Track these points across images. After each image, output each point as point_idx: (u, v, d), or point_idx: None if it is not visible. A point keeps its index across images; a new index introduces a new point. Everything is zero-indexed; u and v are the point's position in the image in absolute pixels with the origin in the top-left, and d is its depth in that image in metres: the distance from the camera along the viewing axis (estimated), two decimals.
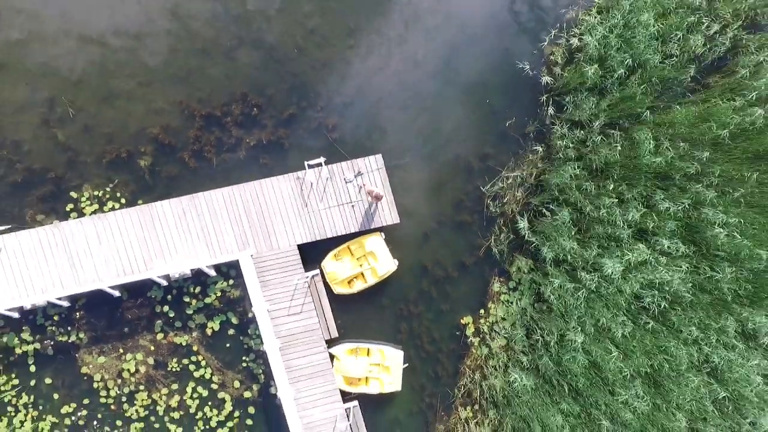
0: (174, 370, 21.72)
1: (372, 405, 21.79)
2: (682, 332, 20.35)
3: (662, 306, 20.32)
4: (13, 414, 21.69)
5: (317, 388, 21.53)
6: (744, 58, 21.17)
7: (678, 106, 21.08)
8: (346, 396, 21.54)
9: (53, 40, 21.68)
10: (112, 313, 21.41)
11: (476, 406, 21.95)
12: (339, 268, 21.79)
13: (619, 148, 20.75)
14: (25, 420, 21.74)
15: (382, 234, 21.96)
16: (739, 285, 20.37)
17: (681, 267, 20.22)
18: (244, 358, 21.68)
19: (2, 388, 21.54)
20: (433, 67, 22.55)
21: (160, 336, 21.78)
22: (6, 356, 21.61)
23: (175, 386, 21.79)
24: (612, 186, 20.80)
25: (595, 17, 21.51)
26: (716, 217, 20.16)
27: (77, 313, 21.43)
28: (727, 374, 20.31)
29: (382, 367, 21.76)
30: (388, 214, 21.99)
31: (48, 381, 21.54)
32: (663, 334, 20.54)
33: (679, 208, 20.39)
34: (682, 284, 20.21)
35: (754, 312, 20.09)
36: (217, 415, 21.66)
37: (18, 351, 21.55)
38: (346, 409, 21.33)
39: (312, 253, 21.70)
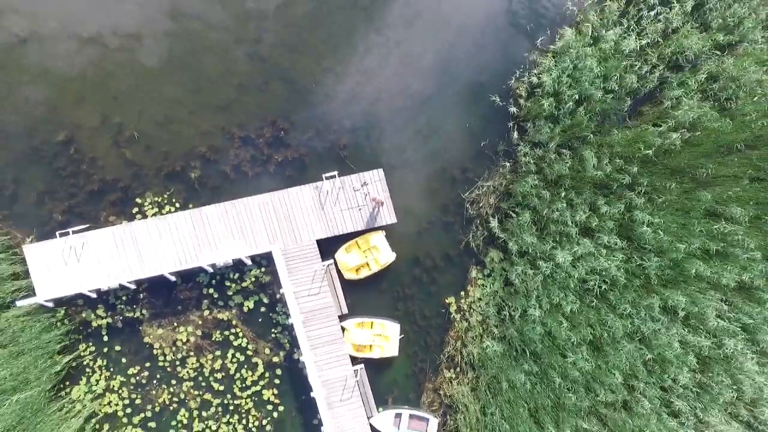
0: (217, 339, 26.82)
1: (374, 367, 26.85)
2: (617, 308, 25.26)
3: (602, 288, 25.29)
4: (90, 374, 26.63)
5: (332, 354, 26.50)
6: (668, 92, 26.09)
7: (616, 130, 26.01)
8: (354, 360, 26.75)
9: (124, 81, 26.67)
10: (169, 294, 26.50)
11: (458, 369, 26.88)
12: (349, 259, 26.77)
13: (569, 163, 25.79)
14: (100, 379, 26.70)
15: (383, 232, 27.04)
16: (663, 271, 25.30)
17: (617, 257, 25.16)
18: (273, 330, 26.76)
19: (82, 354, 26.66)
20: (423, 101, 27.35)
21: (206, 313, 26.78)
22: (85, 328, 26.63)
23: (218, 353, 26.81)
24: (563, 193, 25.78)
25: (551, 60, 26.52)
26: (644, 218, 25.12)
27: (141, 294, 26.54)
28: (653, 341, 25.21)
29: (382, 337, 26.70)
30: (387, 216, 26.90)
31: (117, 348, 26.56)
32: (603, 310, 25.44)
33: (616, 211, 25.35)
34: (618, 271, 25.13)
35: (674, 292, 25.00)
36: (251, 376, 26.80)
37: (94, 324, 26.62)
38: (354, 370, 26.39)
39: (327, 247, 26.75)
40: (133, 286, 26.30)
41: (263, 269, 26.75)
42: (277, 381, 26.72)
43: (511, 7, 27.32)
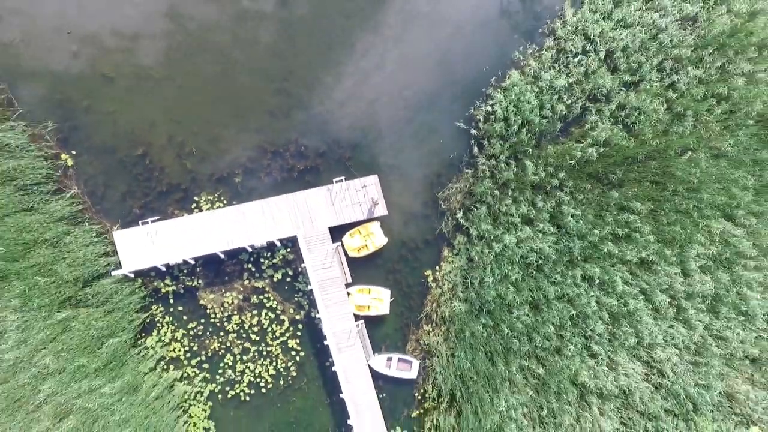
0: (254, 302, 34.97)
1: (371, 323, 34.96)
2: (550, 277, 33.27)
3: (539, 262, 33.36)
4: (160, 328, 34.75)
5: (340, 312, 34.46)
6: (588, 118, 34.14)
7: (549, 146, 34.00)
8: (356, 317, 34.75)
9: (184, 110, 34.58)
10: (218, 268, 34.71)
11: (434, 323, 34.90)
12: (352, 242, 34.91)
13: (515, 170, 33.81)
14: (167, 331, 34.80)
15: (378, 222, 35.12)
16: (584, 250, 33.35)
17: (549, 240, 33.19)
18: (296, 295, 34.90)
19: (154, 313, 34.73)
20: (407, 128, 35.21)
21: (246, 282, 34.94)
22: (156, 294, 34.74)
23: (254, 312, 34.95)
24: (510, 192, 33.84)
25: (502, 94, 34.50)
26: (569, 211, 33.14)
27: (198, 268, 34.74)
28: (577, 301, 33.16)
29: (377, 300, 34.73)
30: (381, 210, 34.94)
31: (180, 308, 34.70)
32: (539, 278, 33.47)
33: (549, 205, 33.41)
34: (550, 249, 33.18)
35: (591, 266, 32.94)
36: (280, 329, 34.95)
37: (163, 290, 34.78)
38: (356, 325, 34.51)
39: (336, 233, 34.91)
40: (192, 262, 34.54)
41: (288, 249, 34.94)
42: (299, 333, 34.97)
43: (471, 53, 35.04)
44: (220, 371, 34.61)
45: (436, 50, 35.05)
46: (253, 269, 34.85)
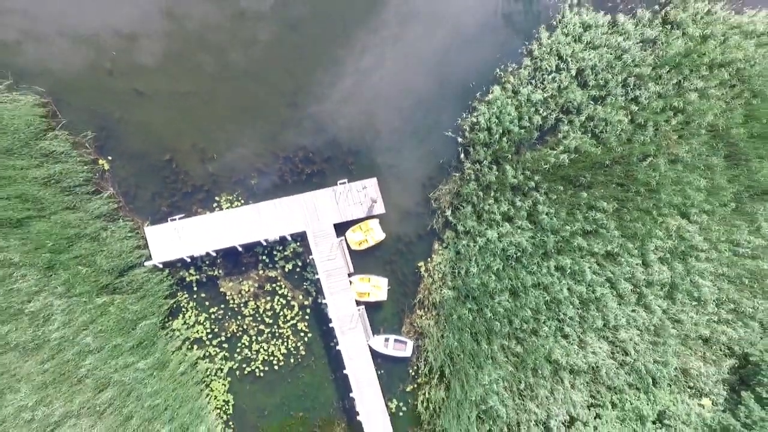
0: (267, 289, 39.21)
1: (371, 308, 39.16)
2: (527, 267, 37.48)
3: (517, 254, 37.57)
4: (185, 312, 38.97)
5: (343, 298, 38.64)
6: (561, 127, 38.39)
7: (527, 152, 38.25)
8: (357, 303, 38.95)
9: (206, 120, 38.75)
10: (237, 259, 38.96)
11: (426, 308, 39.10)
12: (354, 236, 39.13)
13: (496, 174, 38.07)
14: (191, 315, 39.03)
15: (377, 219, 39.36)
16: (557, 244, 37.56)
17: (527, 234, 37.43)
18: (304, 283, 39.14)
19: (180, 299, 38.98)
20: (402, 136, 39.42)
21: (261, 272, 39.15)
22: (181, 282, 38.96)
23: (268, 298, 39.19)
24: (492, 193, 38.05)
25: (485, 107, 38.73)
26: (544, 210, 37.37)
27: (218, 259, 38.94)
28: (551, 288, 37.32)
29: (376, 287, 38.94)
30: (379, 208, 39.17)
31: (203, 295, 38.93)
32: (518, 268, 37.68)
33: (526, 204, 37.61)
34: (527, 244, 37.37)
35: (563, 257, 37.08)
36: (290, 314, 39.20)
37: (188, 279, 39.00)
38: (358, 309, 38.77)
39: (340, 229, 39.18)
40: (213, 254, 38.77)
41: (298, 243, 39.22)
42: (307, 317, 39.24)
43: (457, 72, 39.17)
44: (238, 350, 39.00)
45: (427, 74, 39.32)
46: (267, 260, 39.13)
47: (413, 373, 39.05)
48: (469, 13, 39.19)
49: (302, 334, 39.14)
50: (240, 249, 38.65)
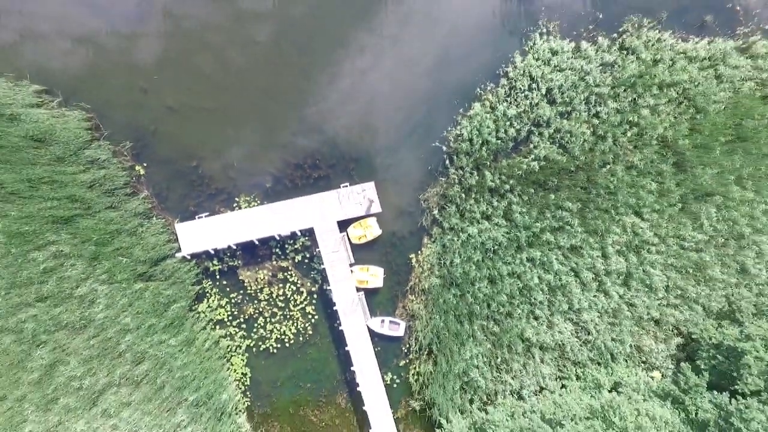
0: (280, 277, 44.68)
1: (369, 294, 44.44)
2: (503, 259, 42.78)
3: (495, 247, 43.10)
4: (209, 297, 44.40)
5: (345, 285, 44.13)
6: (533, 138, 43.84)
7: (503, 160, 43.76)
8: (357, 289, 44.49)
9: (228, 132, 44.47)
10: (254, 251, 44.37)
11: (416, 294, 44.57)
12: (355, 232, 44.56)
13: (477, 178, 43.55)
14: (214, 300, 44.57)
15: (375, 217, 44.86)
16: (528, 238, 42.96)
17: (502, 230, 42.97)
18: (312, 272, 44.53)
19: (204, 285, 44.57)
20: (396, 146, 44.81)
21: (274, 262, 44.65)
22: (206, 271, 44.38)
23: (280, 285, 44.72)
24: (473, 195, 43.49)
25: (467, 121, 44.15)
26: (518, 209, 42.85)
27: (238, 251, 44.30)
28: (523, 277, 42.68)
29: (374, 276, 44.44)
30: (376, 208, 44.63)
31: (224, 282, 44.43)
32: (495, 259, 43.10)
33: (502, 204, 43.08)
34: (503, 238, 42.76)
35: (534, 250, 42.24)
36: (299, 298, 44.51)
37: (211, 269, 44.43)
38: (357, 295, 44.34)
39: (343, 225, 44.58)
40: (234, 247, 44.16)
41: (306, 238, 44.60)
42: (314, 301, 44.68)
43: (441, 92, 44.64)
44: (254, 330, 44.44)
45: (417, 98, 44.99)
46: (280, 253, 44.54)
47: (405, 350, 44.50)
48: (452, 46, 44.68)
49: (310, 316, 44.66)
50: (256, 243, 44.08)
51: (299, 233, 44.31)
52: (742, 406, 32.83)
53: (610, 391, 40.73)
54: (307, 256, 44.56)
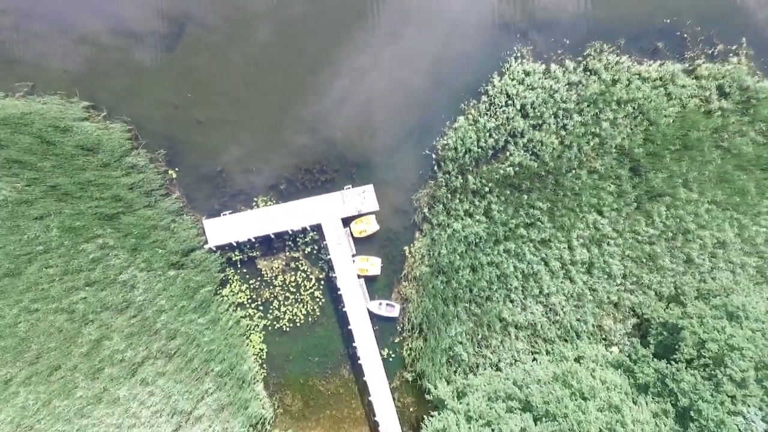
0: (292, 266, 50.80)
1: (369, 281, 50.31)
2: (483, 250, 48.98)
3: (476, 241, 49.48)
4: (231, 283, 50.44)
5: (348, 272, 50.34)
6: (509, 147, 50.10)
7: (484, 165, 50.13)
8: (359, 276, 50.77)
9: (249, 140, 51.22)
10: (270, 244, 50.50)
11: (409, 281, 50.76)
12: (356, 227, 50.60)
13: (461, 181, 49.80)
14: (236, 285, 50.64)
15: (374, 214, 51.19)
16: (505, 233, 49.25)
17: (482, 225, 49.42)
18: (319, 262, 50.47)
19: (227, 273, 51.10)
20: (393, 154, 51.07)
21: (287, 253, 51.08)
22: (229, 260, 50.28)
23: (292, 273, 50.96)
24: (458, 196, 49.53)
25: (453, 132, 50.42)
26: (497, 207, 49.19)
27: (256, 244, 50.33)
28: (501, 265, 49.05)
29: (372, 265, 50.49)
30: (375, 206, 51.03)
31: (244, 270, 50.80)
32: (476, 251, 49.44)
33: (482, 204, 49.46)
34: (483, 233, 49.20)
35: (509, 243, 47.98)
36: (309, 284, 50.40)
37: (234, 258, 50.45)
38: (359, 281, 50.59)
39: (346, 222, 50.77)
40: (253, 240, 50.32)
41: (315, 232, 50.54)
42: (321, 287, 50.63)
43: (430, 106, 50.91)
44: (270, 311, 50.53)
45: (407, 111, 51.52)
46: (292, 245, 50.68)
47: (400, 329, 50.56)
48: (437, 73, 50.98)
49: (317, 299, 50.92)
50: (272, 236, 50.08)
51: (309, 228, 50.49)
52: (675, 370, 39.19)
53: (573, 362, 47.27)
54: (316, 248, 50.83)
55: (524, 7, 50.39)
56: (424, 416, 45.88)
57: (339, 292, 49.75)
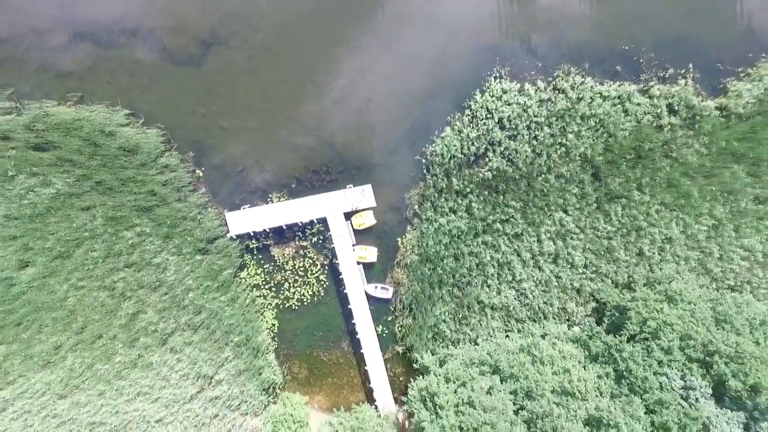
0: (301, 253, 57.46)
1: (366, 267, 56.68)
2: (464, 242, 56.19)
3: (458, 234, 57.24)
4: (248, 267, 57.60)
5: (349, 259, 57.36)
6: (488, 154, 57.45)
7: (466, 169, 57.00)
8: (358, 263, 57.97)
9: (273, 147, 59.12)
10: (282, 233, 57.36)
11: (401, 267, 57.90)
12: (356, 221, 57.39)
13: (446, 183, 56.96)
14: (252, 269, 57.90)
15: (372, 210, 58.74)
16: (484, 227, 56.59)
17: (464, 221, 56.59)
18: (324, 250, 57.14)
19: (245, 258, 58.48)
20: (391, 158, 59.18)
21: (297, 242, 57.95)
22: (247, 248, 57.17)
23: (301, 259, 58.11)
24: (443, 195, 56.60)
25: (440, 140, 57.64)
26: (476, 206, 56.07)
27: (270, 233, 57.51)
28: (479, 255, 56.26)
29: (370, 254, 57.43)
30: (372, 203, 58.34)
31: (260, 256, 57.60)
32: (458, 242, 56.77)
33: (464, 202, 56.44)
34: (465, 227, 56.53)
35: (488, 236, 55.17)
36: (315, 269, 56.87)
37: (251, 246, 57.16)
38: (358, 267, 57.74)
39: (347, 216, 58.31)
40: (267, 230, 57.31)
41: (321, 224, 57.45)
42: (326, 271, 57.21)
43: (422, 118, 58.33)
44: (281, 292, 57.29)
45: (403, 119, 59.15)
46: (301, 235, 57.33)
47: (392, 309, 57.24)
48: (427, 90, 58.43)
49: (322, 282, 57.70)
50: (284, 227, 56.65)
51: (315, 221, 57.32)
52: (617, 341, 46.67)
53: (540, 338, 54.76)
54: (321, 238, 57.71)
55: (504, 35, 57.66)
56: (411, 380, 53.44)
57: (341, 276, 56.88)
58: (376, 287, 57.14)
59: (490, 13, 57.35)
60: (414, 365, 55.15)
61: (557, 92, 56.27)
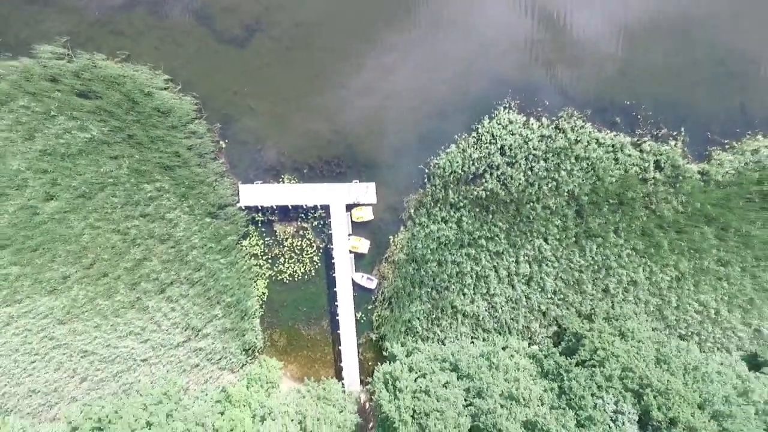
0: (301, 234, 62.08)
1: (357, 257, 60.94)
2: (449, 250, 60.61)
3: (446, 242, 61.69)
4: (251, 237, 62.37)
5: (343, 247, 61.71)
6: (485, 175, 62.73)
7: (463, 185, 61.67)
8: (350, 252, 62.79)
9: (295, 138, 64.02)
10: (286, 212, 60.93)
11: (388, 263, 62.62)
12: (355, 213, 61.25)
13: (442, 194, 61.61)
14: (254, 239, 61.92)
15: (371, 206, 63.27)
16: (470, 241, 61.53)
17: (453, 231, 61.43)
18: (322, 235, 61.15)
19: (249, 229, 63.07)
20: (394, 168, 64.02)
21: (299, 222, 61.84)
22: (252, 219, 61.14)
23: (299, 238, 62.72)
24: (438, 204, 60.72)
25: (444, 155, 62.62)
26: (466, 220, 60.76)
27: (276, 210, 60.98)
28: (461, 265, 61.25)
29: (363, 245, 62.32)
30: (373, 199, 62.78)
31: (263, 229, 60.71)
32: (444, 250, 60.99)
33: (456, 215, 60.96)
34: (453, 237, 61.21)
35: (472, 249, 60.27)
36: (311, 250, 60.95)
37: (257, 218, 60.65)
38: (350, 255, 62.42)
39: (348, 207, 62.94)
40: (274, 207, 61.83)
41: (323, 210, 61.18)
42: (320, 254, 61.02)
43: (430, 135, 63.74)
44: (276, 265, 61.45)
45: (414, 129, 63.94)
46: (304, 216, 61.25)
47: (374, 299, 61.43)
48: (439, 115, 63.53)
49: (315, 263, 61.63)
50: (290, 207, 60.73)
51: (319, 207, 61.23)
52: (567, 362, 51.47)
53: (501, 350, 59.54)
54: (321, 223, 61.61)
55: (526, 65, 61.99)
56: (379, 364, 58.20)
57: (332, 261, 61.28)
58: (362, 276, 61.85)
59: (522, 37, 60.66)
60: (384, 353, 59.77)
61: (558, 131, 60.72)
